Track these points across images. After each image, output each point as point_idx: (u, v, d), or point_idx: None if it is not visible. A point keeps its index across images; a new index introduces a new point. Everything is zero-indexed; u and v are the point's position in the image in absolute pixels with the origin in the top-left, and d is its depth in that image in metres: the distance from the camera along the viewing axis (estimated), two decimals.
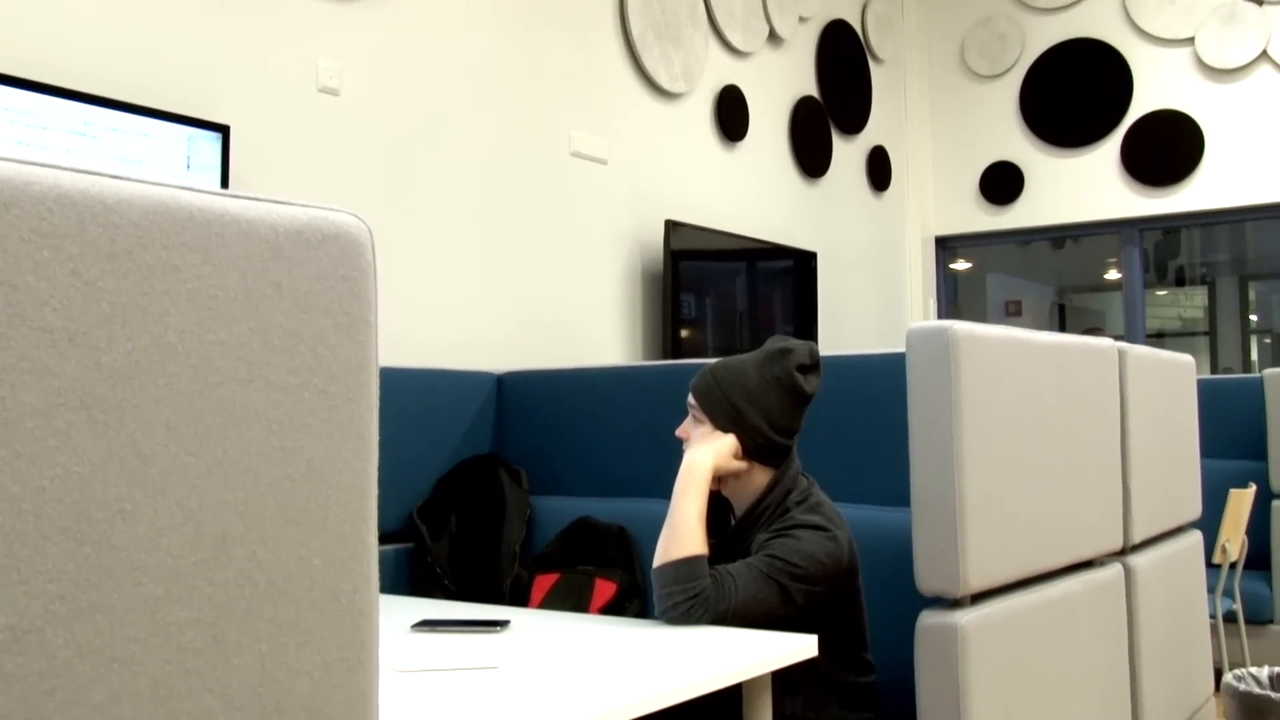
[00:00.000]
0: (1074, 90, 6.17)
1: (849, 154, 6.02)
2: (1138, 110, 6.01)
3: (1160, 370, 2.97)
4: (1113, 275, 6.87)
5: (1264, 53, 5.73)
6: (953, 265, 6.85)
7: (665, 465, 2.74)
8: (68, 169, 0.68)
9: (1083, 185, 6.16)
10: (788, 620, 1.97)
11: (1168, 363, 3.05)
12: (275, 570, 0.77)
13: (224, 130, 2.82)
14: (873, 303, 6.22)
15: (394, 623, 2.02)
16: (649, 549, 2.53)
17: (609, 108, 4.36)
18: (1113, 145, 6.06)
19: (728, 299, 4.76)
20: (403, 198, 3.48)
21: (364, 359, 0.83)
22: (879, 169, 6.25)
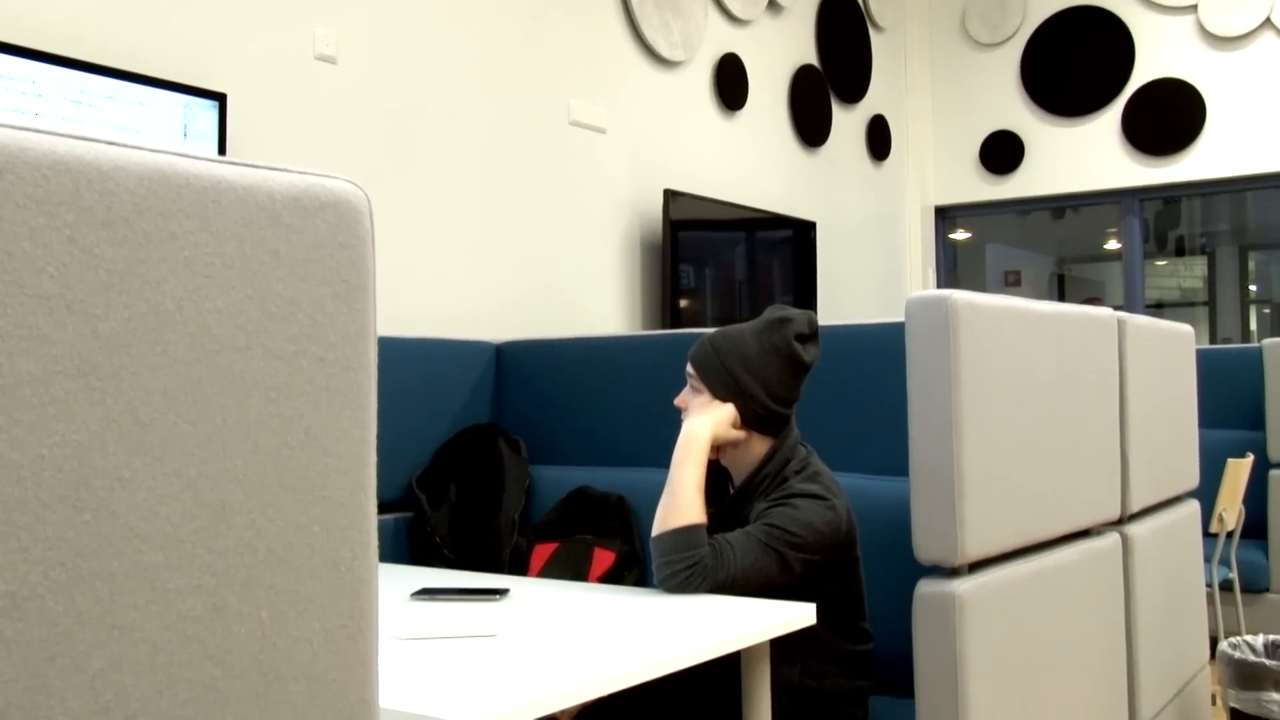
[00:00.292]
0: (1075, 58, 6.14)
1: (849, 123, 6.00)
2: (1139, 79, 5.98)
3: (1159, 340, 2.97)
4: (1112, 245, 6.86)
5: (1267, 20, 5.69)
6: (952, 235, 6.84)
7: (664, 435, 2.74)
8: (62, 135, 0.68)
9: (1083, 154, 6.13)
10: (786, 589, 1.98)
11: (1167, 333, 3.05)
12: (274, 538, 0.77)
13: (221, 99, 2.80)
14: (872, 272, 6.21)
15: (393, 591, 2.02)
16: (648, 518, 2.54)
17: (608, 76, 4.33)
18: (1114, 114, 6.04)
19: (727, 268, 4.75)
20: (400, 167, 3.46)
21: (362, 327, 0.83)
22: (879, 138, 6.22)
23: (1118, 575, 2.57)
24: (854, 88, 5.99)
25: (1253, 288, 8.43)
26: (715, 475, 2.16)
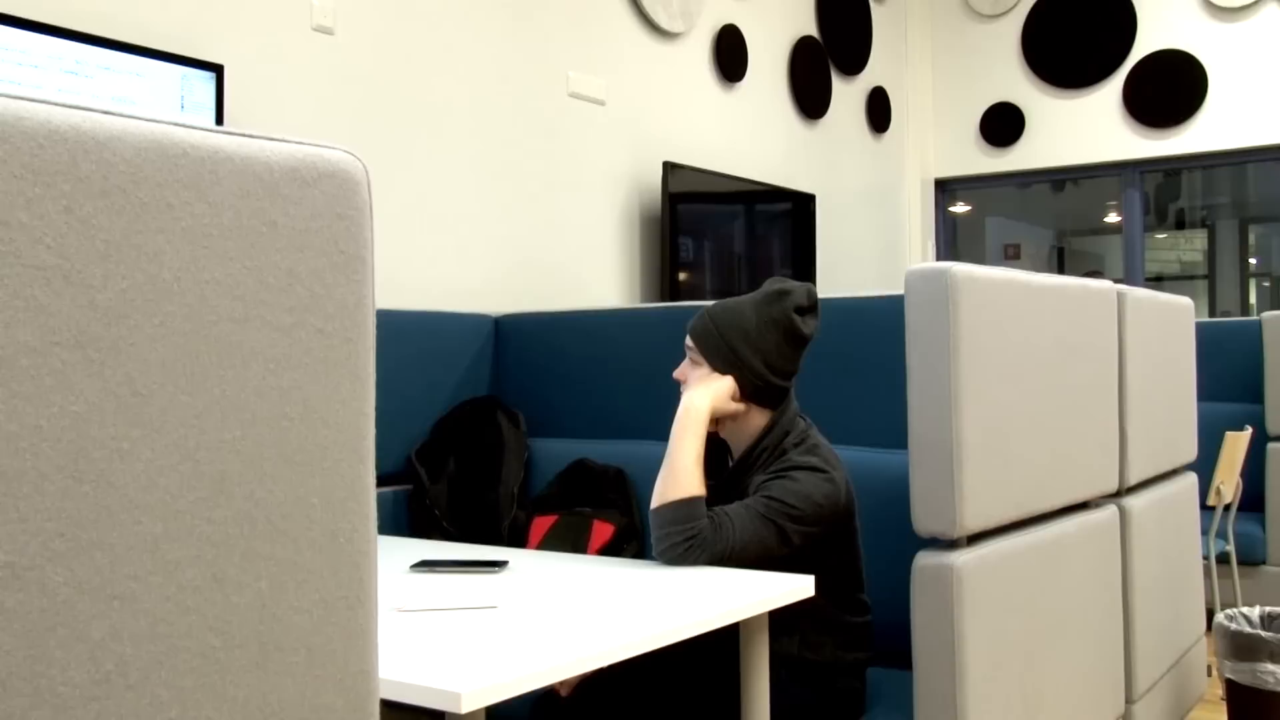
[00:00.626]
0: (1077, 30, 6.11)
1: (849, 95, 5.97)
2: (1141, 50, 5.95)
3: (1159, 313, 2.97)
4: (1112, 218, 6.84)
5: None
6: (952, 208, 6.82)
7: (663, 407, 2.74)
8: (58, 104, 0.67)
9: (1084, 127, 6.11)
10: (784, 561, 1.98)
11: (1166, 305, 3.05)
12: (273, 509, 0.77)
13: (218, 70, 2.79)
14: (871, 245, 6.20)
15: (393, 563, 2.03)
16: (647, 491, 2.54)
17: (607, 48, 4.31)
18: (1115, 86, 6.01)
19: (726, 241, 4.74)
20: (398, 140, 3.45)
21: (360, 298, 0.83)
22: (879, 110, 6.20)
23: (1115, 548, 2.58)
24: (854, 59, 5.96)
25: (1252, 261, 8.42)
26: (714, 448, 2.16)
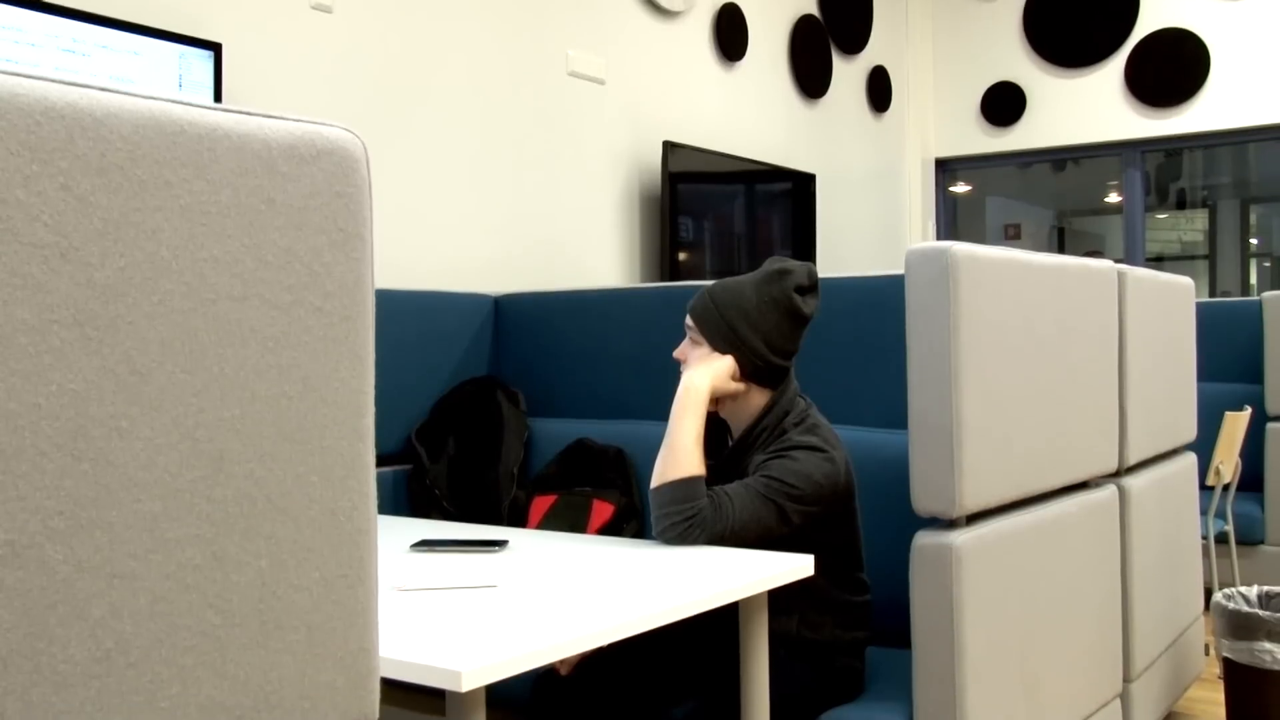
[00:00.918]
0: (1078, 8, 6.08)
1: (849, 74, 5.95)
2: (1143, 29, 5.92)
3: (1159, 293, 2.96)
4: (1113, 198, 6.83)
5: None
6: (952, 188, 6.80)
7: (663, 387, 2.74)
8: (55, 81, 0.67)
9: (1085, 106, 6.09)
10: (784, 540, 1.99)
11: (1167, 285, 3.04)
12: (273, 487, 0.77)
13: (216, 48, 2.78)
14: (872, 225, 6.18)
15: (393, 543, 2.03)
16: (646, 470, 2.54)
17: (607, 27, 4.29)
18: (1117, 65, 5.99)
19: (726, 221, 4.73)
20: (397, 119, 3.44)
21: (359, 276, 0.82)
22: (879, 89, 6.18)
23: (1114, 527, 2.59)
24: (855, 38, 5.94)
25: (1253, 241, 8.41)
26: (714, 427, 2.16)
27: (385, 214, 3.39)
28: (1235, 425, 3.76)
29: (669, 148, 4.27)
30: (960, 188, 6.96)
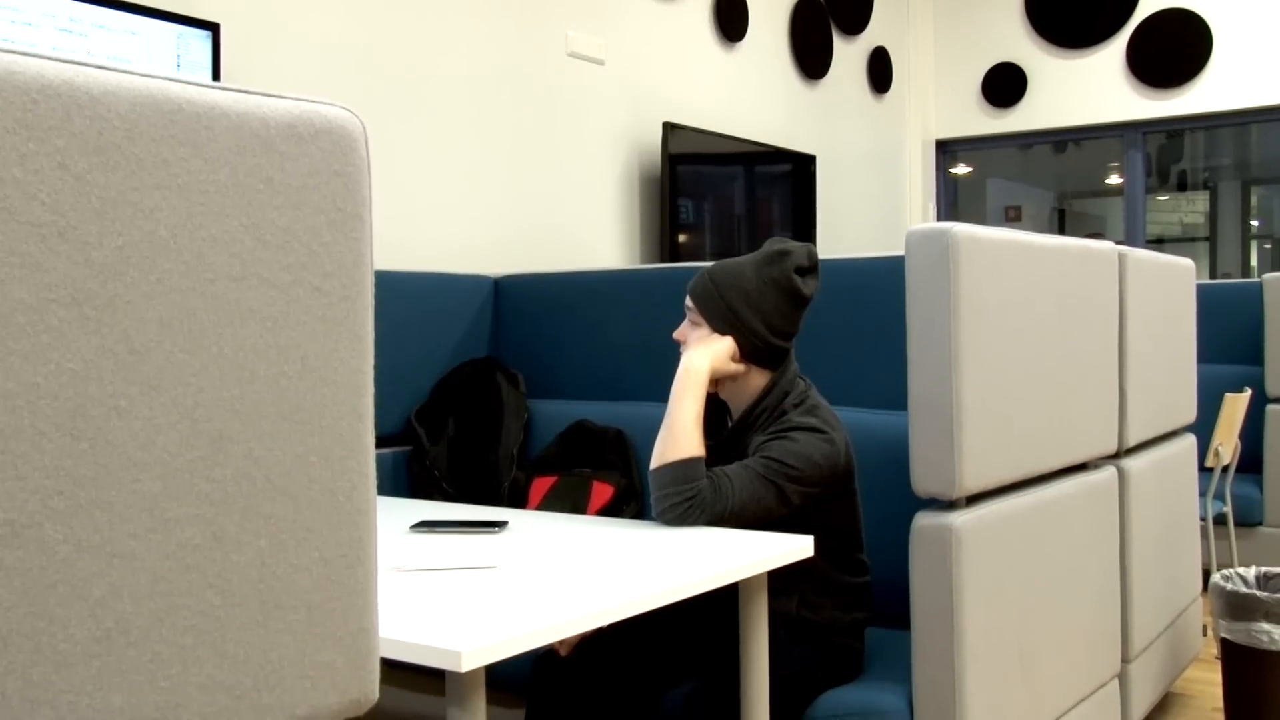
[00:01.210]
0: None
1: (849, 55, 5.93)
2: (1145, 9, 5.89)
3: (1160, 274, 2.96)
4: (1114, 180, 6.81)
5: None
6: (953, 170, 6.79)
7: (663, 368, 2.74)
8: (51, 58, 0.66)
9: (1086, 87, 6.07)
10: (784, 521, 1.99)
11: (1167, 266, 3.04)
12: (273, 467, 0.77)
13: (214, 29, 2.76)
14: (872, 207, 6.17)
15: (393, 524, 2.03)
16: (646, 452, 2.55)
17: (606, 7, 4.27)
18: (1118, 46, 5.97)
19: (726, 202, 4.72)
20: (396, 100, 3.43)
21: (358, 256, 0.82)
22: (880, 70, 6.15)
23: (1114, 509, 2.59)
24: (855, 19, 5.91)
25: (1254, 223, 8.39)
26: (714, 408, 2.16)
27: (384, 195, 3.39)
28: (1235, 407, 3.76)
29: (669, 129, 4.26)
30: (961, 169, 6.95)
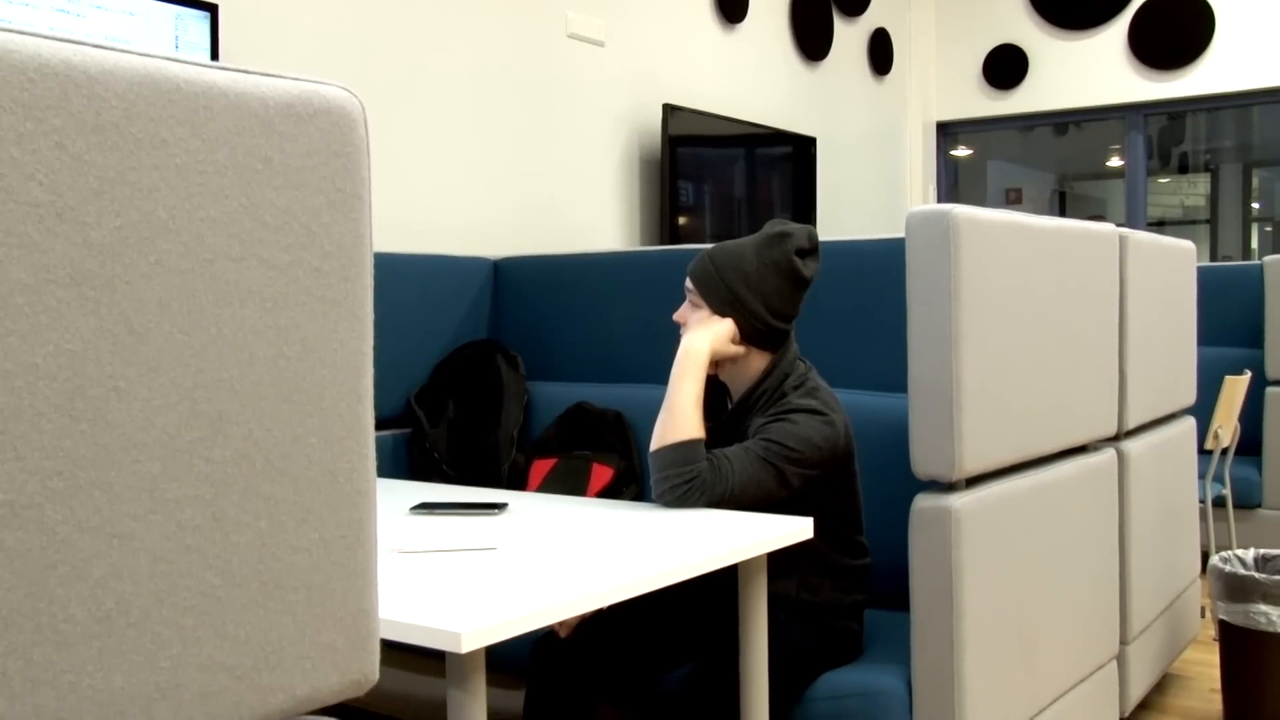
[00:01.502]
0: None
1: (850, 36, 5.90)
2: None
3: (1160, 256, 2.96)
4: (1115, 162, 6.79)
5: None
6: (953, 152, 6.77)
7: (662, 350, 2.74)
8: (48, 37, 0.66)
9: (1088, 69, 6.05)
10: (783, 503, 1.99)
11: (1168, 249, 3.04)
12: (272, 448, 0.77)
13: (212, 9, 2.75)
14: (872, 189, 6.16)
15: (393, 506, 2.04)
16: (646, 434, 2.55)
17: None
18: (1120, 27, 5.94)
19: (726, 184, 4.71)
20: (396, 81, 3.41)
21: (358, 236, 0.82)
22: (880, 52, 6.13)
23: (1113, 491, 2.59)
24: (855, 0, 5.89)
25: (1255, 205, 8.38)
26: (713, 390, 2.16)
27: (384, 177, 3.38)
28: (1234, 389, 3.76)
29: (669, 110, 4.25)
30: (961, 151, 6.93)
